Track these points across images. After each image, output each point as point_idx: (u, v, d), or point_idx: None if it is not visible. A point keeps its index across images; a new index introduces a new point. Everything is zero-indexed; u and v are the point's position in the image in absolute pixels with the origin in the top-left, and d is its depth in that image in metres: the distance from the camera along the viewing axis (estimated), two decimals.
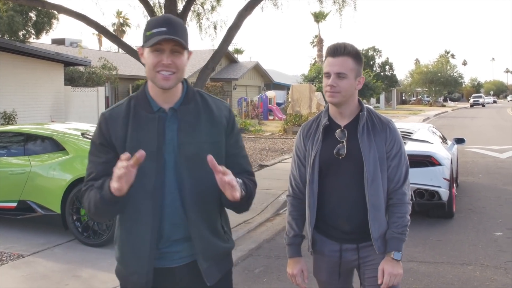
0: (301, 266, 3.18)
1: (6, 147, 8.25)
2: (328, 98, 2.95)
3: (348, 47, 2.90)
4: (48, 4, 13.99)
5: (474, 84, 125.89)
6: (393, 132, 2.97)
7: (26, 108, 19.51)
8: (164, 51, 2.37)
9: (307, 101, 26.71)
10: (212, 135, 2.50)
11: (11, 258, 6.69)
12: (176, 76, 2.40)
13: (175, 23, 2.40)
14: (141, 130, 2.44)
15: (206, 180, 2.44)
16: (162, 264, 2.50)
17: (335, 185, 2.98)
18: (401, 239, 2.92)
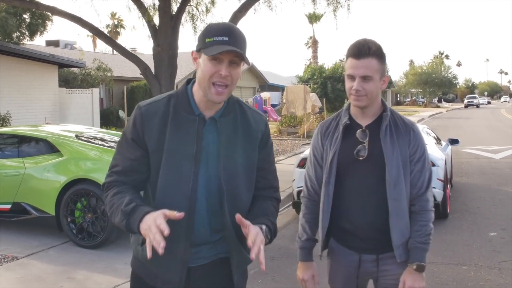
0: (312, 271, 3.06)
1: (0, 149, 8.22)
2: (354, 102, 2.80)
3: (372, 47, 2.74)
4: (42, 6, 13.99)
5: (468, 85, 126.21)
6: (417, 135, 2.83)
7: (20, 110, 19.48)
8: (222, 61, 2.30)
9: (302, 103, 26.72)
10: (247, 150, 2.48)
11: (5, 260, 6.67)
12: (229, 89, 2.36)
13: (237, 34, 2.34)
14: (181, 132, 2.38)
15: (240, 195, 2.44)
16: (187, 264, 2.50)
17: (354, 188, 2.84)
18: (424, 248, 2.77)
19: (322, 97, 32.98)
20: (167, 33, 13.63)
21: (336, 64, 41.75)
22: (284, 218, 9.28)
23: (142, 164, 2.42)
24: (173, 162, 2.37)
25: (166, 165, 2.38)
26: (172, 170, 2.37)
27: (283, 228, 8.55)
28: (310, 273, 3.05)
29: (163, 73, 13.71)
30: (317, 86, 36.25)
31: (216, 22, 2.48)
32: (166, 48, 13.62)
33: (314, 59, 59.44)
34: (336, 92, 35.94)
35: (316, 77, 37.13)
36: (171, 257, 2.40)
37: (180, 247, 2.41)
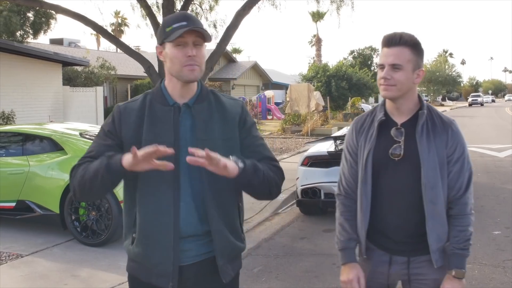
0: (357, 272, 2.81)
1: (4, 147, 8.24)
2: (382, 92, 2.68)
3: (404, 36, 2.62)
4: (46, 4, 13.98)
5: (472, 83, 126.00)
6: (455, 134, 2.68)
7: (25, 108, 19.51)
8: (187, 44, 2.39)
9: (306, 101, 26.72)
10: (225, 131, 2.51)
11: (10, 258, 6.69)
12: (200, 68, 2.44)
13: (193, 17, 2.46)
14: (158, 122, 2.46)
15: (223, 178, 2.40)
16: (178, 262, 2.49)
17: (388, 188, 2.71)
18: (463, 255, 2.67)
19: (326, 96, 32.92)
20: None
21: (340, 62, 41.67)
22: (288, 216, 9.29)
23: (115, 151, 2.44)
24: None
25: None
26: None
27: (287, 226, 8.56)
28: (355, 273, 2.81)
29: None
30: (321, 84, 36.15)
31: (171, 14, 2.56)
32: None
33: (318, 57, 59.43)
34: (340, 90, 35.85)
35: (320, 75, 37.01)
36: (161, 248, 2.43)
37: (169, 237, 2.42)
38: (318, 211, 9.14)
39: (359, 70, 41.08)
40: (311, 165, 8.70)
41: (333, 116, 31.72)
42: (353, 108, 32.70)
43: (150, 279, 2.50)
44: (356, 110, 32.23)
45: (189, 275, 2.49)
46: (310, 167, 8.68)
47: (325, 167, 8.52)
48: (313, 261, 6.67)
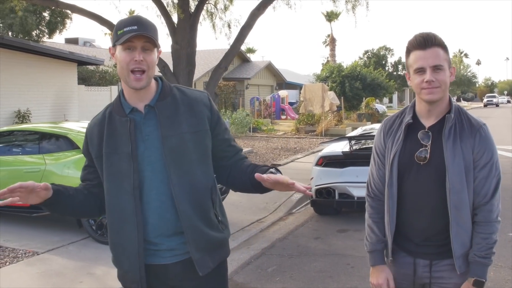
0: (386, 275, 2.83)
1: (21, 146, 8.31)
2: (427, 95, 2.60)
3: (437, 36, 2.61)
4: (62, 4, 14.09)
5: (488, 83, 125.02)
6: (484, 139, 2.61)
7: (40, 107, 19.62)
8: (135, 48, 2.42)
9: (320, 101, 26.67)
10: (193, 125, 2.54)
11: (26, 256, 6.75)
12: (147, 75, 2.45)
13: (145, 22, 2.46)
14: (116, 134, 2.51)
15: (193, 171, 2.50)
16: (155, 260, 2.53)
17: (413, 191, 2.69)
18: (484, 263, 2.62)
19: (340, 96, 32.85)
20: (186, 31, 13.68)
21: (355, 62, 41.54)
22: (302, 216, 9.28)
23: (90, 173, 2.65)
24: (111, 164, 2.51)
25: (107, 168, 2.52)
26: (112, 171, 2.50)
27: (301, 226, 8.55)
28: (385, 277, 2.83)
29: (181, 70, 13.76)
30: (335, 84, 36.09)
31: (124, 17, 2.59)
32: (185, 46, 13.67)
33: (332, 58, 59.27)
34: (354, 90, 35.74)
35: (334, 75, 36.94)
36: (128, 256, 2.52)
37: (133, 244, 2.48)
38: (332, 211, 9.13)
39: (374, 70, 40.94)
40: (325, 165, 8.69)
41: (347, 116, 31.64)
42: (367, 109, 32.59)
43: (125, 284, 2.62)
44: (370, 110, 32.13)
45: (177, 272, 2.54)
46: (325, 167, 8.67)
47: (340, 167, 8.51)
48: (327, 261, 6.66)
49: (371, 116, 30.97)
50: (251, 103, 36.05)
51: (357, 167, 8.29)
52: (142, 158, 2.48)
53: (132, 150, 2.46)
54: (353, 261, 6.57)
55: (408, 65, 2.69)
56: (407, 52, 2.69)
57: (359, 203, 8.20)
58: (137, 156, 2.47)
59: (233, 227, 8.18)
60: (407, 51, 2.68)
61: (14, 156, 8.14)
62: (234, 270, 6.37)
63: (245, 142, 21.59)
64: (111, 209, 2.54)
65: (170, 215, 2.48)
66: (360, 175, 8.19)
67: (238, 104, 36.00)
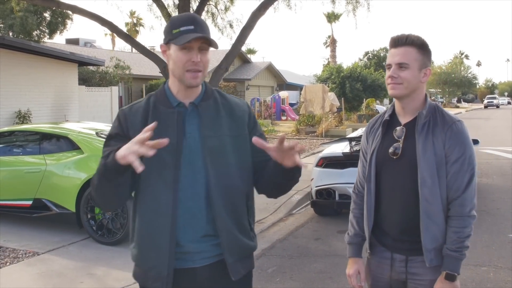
0: (358, 267, 2.99)
1: (21, 146, 8.33)
2: (389, 90, 2.75)
3: (411, 36, 2.71)
4: (63, 4, 14.08)
5: (488, 85, 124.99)
6: (456, 134, 2.68)
7: (41, 108, 19.64)
8: (192, 49, 2.39)
9: (320, 102, 26.68)
10: (233, 128, 2.52)
11: (26, 256, 6.76)
12: (202, 74, 2.44)
13: (201, 21, 2.44)
14: (161, 124, 2.38)
15: (230, 174, 2.47)
16: (184, 264, 2.46)
17: (389, 186, 2.79)
18: (455, 257, 2.66)
19: (340, 97, 32.88)
20: None
21: (355, 63, 41.58)
22: (302, 217, 9.29)
23: None
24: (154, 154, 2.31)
25: (148, 157, 2.28)
26: (154, 161, 2.36)
27: (301, 227, 8.56)
28: (356, 269, 2.99)
29: None
30: (335, 85, 36.11)
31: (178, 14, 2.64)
32: None
33: (332, 59, 59.31)
34: (355, 91, 35.77)
35: (334, 76, 36.96)
36: (156, 251, 2.43)
37: (165, 240, 2.41)
38: (332, 212, 9.14)
39: (374, 71, 40.95)
40: (325, 166, 8.70)
41: (348, 117, 31.66)
42: (368, 110, 32.59)
43: (146, 283, 2.51)
44: (371, 111, 32.13)
45: (205, 276, 2.48)
46: (325, 168, 8.69)
47: (340, 168, 8.52)
48: (327, 262, 6.67)
49: (371, 117, 30.72)
50: (252, 104, 36.05)
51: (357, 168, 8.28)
52: (184, 154, 2.43)
53: (178, 143, 2.42)
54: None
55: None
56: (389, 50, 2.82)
57: None
58: (182, 150, 2.43)
59: None
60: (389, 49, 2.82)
61: (15, 156, 8.16)
62: None
63: None
64: (145, 199, 2.45)
65: (201, 216, 2.43)
66: None
67: None
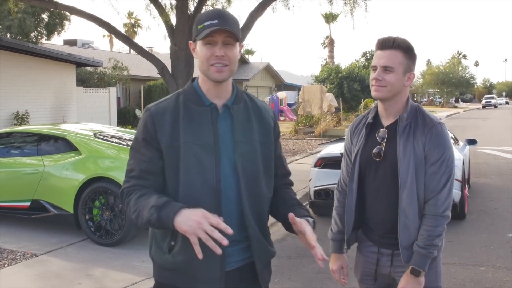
0: (341, 263, 3.15)
1: (19, 147, 8.32)
2: (373, 92, 2.79)
3: (397, 40, 2.74)
4: (61, 6, 14.10)
5: (486, 85, 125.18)
6: (435, 136, 2.73)
7: (39, 109, 19.64)
8: (216, 43, 2.33)
9: (318, 102, 26.69)
10: (262, 135, 2.48)
11: (24, 257, 6.74)
12: (229, 68, 2.36)
13: (226, 15, 2.37)
14: (195, 123, 2.36)
15: (259, 181, 2.43)
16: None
17: (372, 186, 2.87)
18: (423, 254, 2.71)
19: (338, 97, 32.91)
20: (184, 33, 13.69)
21: (353, 64, 41.63)
22: None
23: (157, 165, 2.36)
24: (192, 155, 2.32)
25: (185, 159, 2.33)
26: (193, 163, 2.32)
27: None
28: (339, 264, 3.13)
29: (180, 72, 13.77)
30: (333, 86, 36.16)
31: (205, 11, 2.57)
32: (183, 47, 13.67)
33: (330, 59, 59.37)
34: (353, 92, 35.82)
35: (332, 77, 37.00)
36: (207, 254, 2.21)
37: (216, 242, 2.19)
38: (330, 213, 9.08)
39: None
40: (324, 166, 8.70)
41: (346, 117, 31.67)
42: (366, 110, 32.61)
43: (195, 285, 2.38)
44: None
45: (232, 280, 2.43)
46: (323, 168, 8.69)
47: (338, 168, 8.35)
48: (325, 263, 6.62)
49: None
50: None
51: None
52: (222, 154, 2.36)
53: (214, 142, 2.35)
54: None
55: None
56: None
57: None
58: (219, 149, 2.35)
59: None
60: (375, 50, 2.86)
61: (13, 157, 8.14)
62: None
63: None
64: (188, 203, 2.25)
65: (232, 222, 2.28)
66: None
67: None
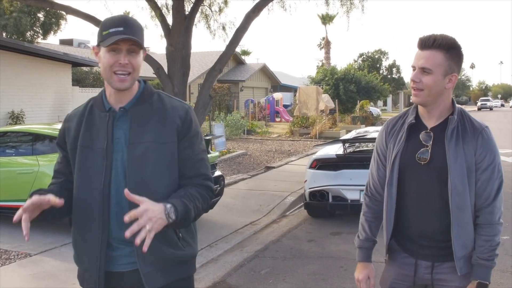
0: (368, 272, 2.91)
1: (14, 147, 8.29)
2: (412, 97, 2.65)
3: (439, 39, 2.55)
4: (57, 5, 14.06)
5: (481, 87, 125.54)
6: (486, 141, 2.60)
7: (34, 108, 19.59)
8: (121, 51, 2.36)
9: (314, 103, 26.70)
10: (161, 135, 2.44)
11: (18, 257, 6.73)
12: (131, 76, 2.40)
13: (131, 23, 2.39)
14: (93, 128, 2.47)
15: (153, 183, 2.42)
16: (112, 268, 2.46)
17: (414, 192, 2.69)
18: (487, 266, 2.60)
19: (334, 98, 32.91)
20: (180, 33, 13.66)
21: (349, 65, 41.63)
22: (295, 219, 9.29)
23: (66, 166, 2.56)
24: (85, 158, 2.45)
25: (79, 161, 2.47)
26: (85, 165, 2.44)
27: (295, 228, 8.56)
28: (366, 274, 2.91)
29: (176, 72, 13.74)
30: (329, 87, 36.17)
31: (111, 16, 2.50)
32: (179, 47, 13.64)
33: (326, 60, 59.30)
34: (349, 93, 35.82)
35: (328, 78, 37.02)
36: (88, 253, 2.47)
37: (96, 242, 2.43)
38: (326, 214, 9.14)
39: (368, 73, 41.01)
40: (319, 168, 8.70)
41: (342, 119, 31.70)
42: (362, 111, 32.64)
43: (82, 284, 2.57)
44: (365, 113, 32.18)
45: (133, 281, 2.45)
46: (319, 170, 8.69)
47: (334, 170, 8.52)
48: (320, 264, 6.66)
49: (365, 119, 31.03)
50: (246, 106, 36.03)
51: (351, 170, 8.30)
52: (115, 158, 2.43)
53: (107, 147, 2.42)
54: (346, 263, 6.57)
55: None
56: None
57: (353, 206, 8.23)
58: (112, 154, 2.42)
59: (226, 230, 8.18)
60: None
61: (8, 157, 8.12)
62: (227, 273, 6.36)
63: (239, 144, 21.59)
64: (77, 205, 2.48)
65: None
66: (353, 178, 8.21)
67: (232, 107, 36.05)
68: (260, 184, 12.13)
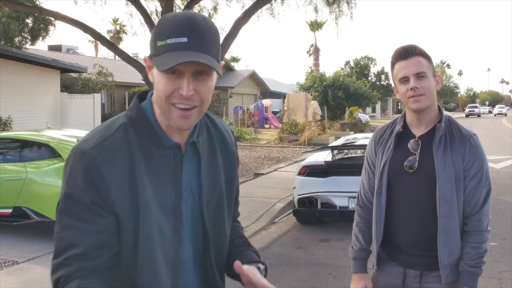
0: (365, 283, 2.88)
1: (1, 153, 8.24)
2: (414, 104, 2.60)
3: (417, 47, 2.63)
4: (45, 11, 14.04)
5: (469, 94, 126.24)
6: (474, 148, 2.61)
7: (22, 114, 19.50)
8: (183, 74, 1.59)
9: (303, 110, 26.76)
10: (227, 169, 1.88)
11: (5, 265, 6.67)
12: (198, 111, 1.65)
13: (200, 30, 1.59)
14: (153, 173, 1.67)
15: (226, 233, 1.88)
16: None
17: (403, 200, 2.69)
18: (474, 273, 2.60)
19: (323, 105, 33.00)
20: None
21: (337, 72, 41.82)
22: (284, 225, 9.28)
23: (113, 235, 1.61)
24: (151, 220, 1.64)
25: (144, 226, 1.63)
26: (152, 231, 1.65)
27: (283, 235, 8.55)
28: (363, 284, 2.88)
29: None
30: (318, 94, 36.27)
31: (171, 14, 1.64)
32: None
33: (315, 67, 59.51)
34: (337, 100, 35.93)
35: (317, 85, 37.13)
36: None
37: None
38: (314, 221, 9.15)
39: (357, 80, 41.16)
40: (308, 174, 8.71)
41: (330, 125, 31.79)
42: (351, 118, 32.72)
43: None
44: (354, 120, 32.27)
45: None
46: (307, 176, 8.70)
47: (322, 176, 8.53)
48: (309, 271, 6.66)
49: (354, 125, 31.10)
50: (235, 112, 36.06)
51: (340, 177, 8.33)
52: (183, 215, 1.74)
53: (175, 199, 1.70)
54: (335, 270, 6.58)
55: (393, 77, 2.70)
56: (391, 65, 2.71)
57: (341, 213, 8.25)
58: (181, 209, 1.72)
59: None
60: (391, 64, 2.70)
61: None
62: None
63: None
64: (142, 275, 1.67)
65: (198, 277, 1.81)
66: (342, 185, 8.23)
67: (221, 113, 36.02)
68: (249, 191, 12.11)
